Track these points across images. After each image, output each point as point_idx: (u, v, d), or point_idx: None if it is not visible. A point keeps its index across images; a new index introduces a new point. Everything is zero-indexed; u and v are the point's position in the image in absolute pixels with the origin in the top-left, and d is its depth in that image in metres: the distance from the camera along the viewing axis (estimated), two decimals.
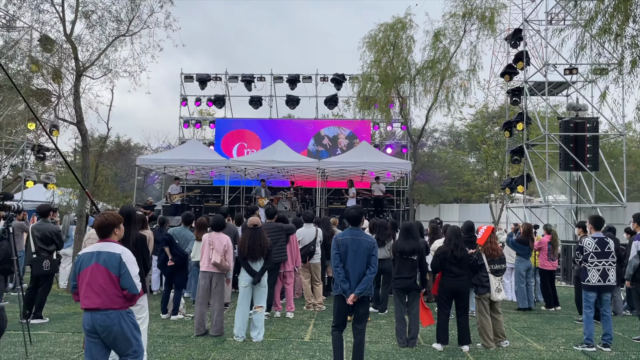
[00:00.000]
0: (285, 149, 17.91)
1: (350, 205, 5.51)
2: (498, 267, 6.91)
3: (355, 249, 5.44)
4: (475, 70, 17.02)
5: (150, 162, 17.35)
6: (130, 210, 5.74)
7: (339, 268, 5.42)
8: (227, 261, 7.04)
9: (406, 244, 6.97)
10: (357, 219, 5.60)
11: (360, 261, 5.42)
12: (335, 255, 5.48)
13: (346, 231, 5.63)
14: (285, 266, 8.59)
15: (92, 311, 3.91)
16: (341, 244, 5.48)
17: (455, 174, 37.01)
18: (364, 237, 5.54)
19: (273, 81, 23.31)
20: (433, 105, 16.73)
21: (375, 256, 5.50)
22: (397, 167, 17.36)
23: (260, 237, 6.97)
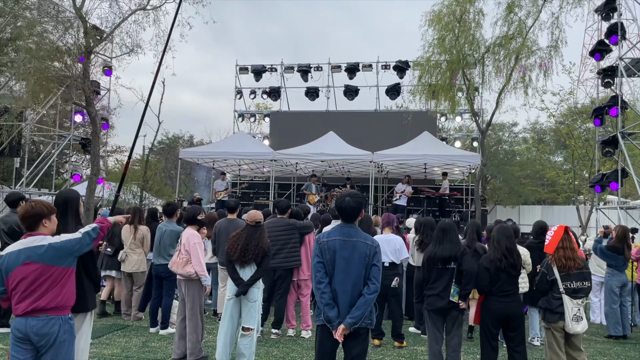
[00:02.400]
0: (336, 141, 16.25)
1: (346, 192, 3.71)
2: (578, 285, 4.83)
3: (346, 256, 3.70)
4: (558, 46, 14.43)
5: (194, 154, 16.31)
6: (68, 196, 4.28)
7: (323, 285, 3.71)
8: (192, 265, 5.50)
9: (441, 249, 5.09)
10: (352, 212, 3.83)
11: (354, 275, 3.70)
12: (317, 265, 3.76)
13: (335, 229, 3.89)
14: (299, 273, 6.92)
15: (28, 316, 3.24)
16: (326, 248, 3.76)
17: (538, 174, 33.59)
18: (361, 237, 3.79)
19: (331, 70, 21.69)
20: (505, 87, 14.32)
21: (377, 267, 3.75)
22: (463, 160, 15.15)
23: (259, 237, 5.35)
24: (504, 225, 5.32)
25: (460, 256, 5.05)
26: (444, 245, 5.11)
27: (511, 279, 4.99)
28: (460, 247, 5.15)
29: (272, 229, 6.78)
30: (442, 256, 5.05)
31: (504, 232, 5.13)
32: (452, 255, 5.04)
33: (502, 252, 4.96)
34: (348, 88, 21.48)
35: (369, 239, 3.81)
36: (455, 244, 5.13)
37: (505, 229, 5.18)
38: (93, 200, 9.60)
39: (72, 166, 17.08)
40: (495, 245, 5.06)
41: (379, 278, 3.73)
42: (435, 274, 5.11)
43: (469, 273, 5.00)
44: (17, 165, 16.08)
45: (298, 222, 6.88)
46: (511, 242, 5.03)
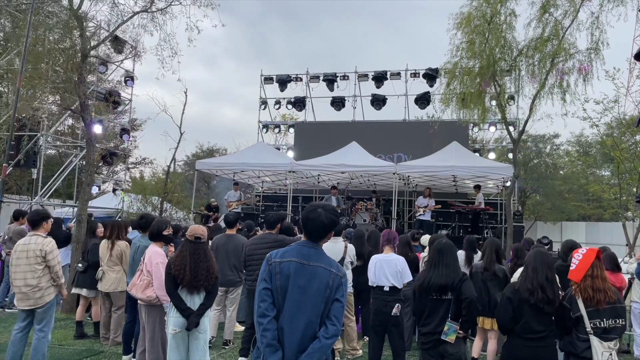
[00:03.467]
0: (359, 152, 15.42)
1: (318, 204, 2.87)
2: (609, 323, 3.82)
3: (303, 284, 2.88)
4: (599, 49, 13.18)
5: (211, 166, 15.80)
6: None
7: (266, 320, 2.88)
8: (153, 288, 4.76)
9: (437, 275, 4.18)
10: (322, 229, 3.01)
11: (309, 310, 2.86)
12: (263, 292, 2.93)
13: (292, 247, 3.06)
14: None
15: None
16: (277, 271, 2.94)
17: (583, 188, 31.70)
18: (324, 263, 2.96)
19: (357, 79, 20.92)
20: (539, 93, 13.14)
21: (340, 303, 2.90)
22: (494, 172, 14.04)
23: (207, 257, 4.57)
24: (542, 251, 4.27)
25: (458, 284, 4.12)
26: (440, 270, 4.20)
27: (543, 317, 3.94)
28: (459, 274, 4.21)
29: (257, 246, 6.02)
30: (437, 284, 4.14)
31: (544, 258, 4.06)
32: (448, 284, 4.12)
33: (540, 283, 3.93)
34: (375, 97, 20.63)
35: (334, 266, 2.97)
36: (453, 269, 4.20)
37: (544, 255, 4.10)
38: (86, 212, 9.06)
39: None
40: (530, 274, 4.00)
41: (340, 318, 2.88)
42: (430, 306, 4.19)
43: (471, 302, 4.05)
44: (34, 177, 15.91)
45: (287, 238, 6.07)
46: (552, 273, 4.03)
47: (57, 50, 8.84)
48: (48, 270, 5.56)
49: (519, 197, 29.06)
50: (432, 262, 4.29)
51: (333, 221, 3.03)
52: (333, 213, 3.06)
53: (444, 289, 4.11)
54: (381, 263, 5.88)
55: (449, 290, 4.11)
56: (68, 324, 7.98)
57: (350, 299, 6.70)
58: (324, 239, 3.06)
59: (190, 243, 4.65)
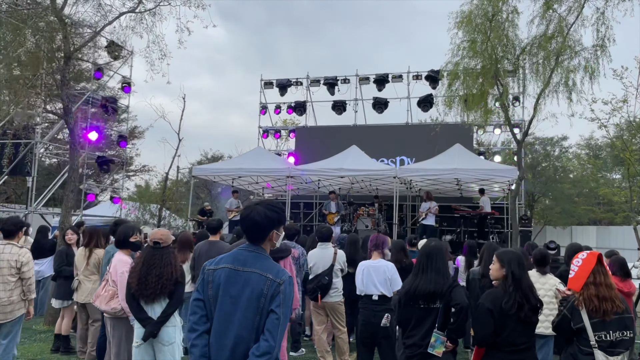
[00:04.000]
0: (358, 156, 15.03)
1: (257, 200, 2.49)
2: (617, 336, 3.39)
3: (235, 293, 2.52)
4: (605, 45, 12.70)
5: (207, 172, 15.44)
6: None
7: (195, 335, 2.53)
8: (118, 299, 4.37)
9: (424, 281, 3.77)
10: (257, 228, 2.63)
11: (239, 322, 2.49)
12: (194, 304, 2.59)
13: (230, 253, 2.69)
14: None
15: None
16: (210, 280, 2.58)
17: (593, 192, 31.07)
18: (261, 268, 2.59)
19: (358, 82, 20.57)
20: (544, 91, 12.68)
21: (276, 315, 2.51)
22: (498, 175, 13.58)
23: (164, 263, 4.21)
24: (510, 251, 3.85)
25: (447, 291, 3.70)
26: (428, 275, 3.78)
27: (527, 328, 3.51)
28: (449, 280, 3.80)
29: (177, 253, 5.62)
30: (425, 291, 3.72)
31: (518, 260, 3.67)
32: (437, 291, 3.71)
33: (523, 292, 3.49)
34: (377, 100, 20.26)
35: (272, 271, 2.58)
36: (443, 275, 3.79)
37: (517, 257, 3.71)
38: (69, 220, 8.72)
39: (86, 186, 16.52)
40: (511, 284, 3.51)
41: (276, 333, 2.48)
42: (416, 316, 3.78)
43: (462, 309, 3.63)
44: (29, 185, 15.66)
45: None
46: (525, 275, 3.60)
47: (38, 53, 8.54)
48: (21, 283, 5.23)
49: (527, 201, 28.49)
50: (420, 267, 3.88)
51: (268, 217, 2.64)
52: (270, 208, 2.68)
53: (432, 297, 3.70)
54: (369, 270, 5.48)
55: (438, 298, 3.69)
56: (49, 337, 7.63)
57: (340, 309, 6.28)
58: (263, 239, 2.68)
59: (149, 249, 4.35)
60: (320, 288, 6.09)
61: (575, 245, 5.68)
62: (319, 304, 6.15)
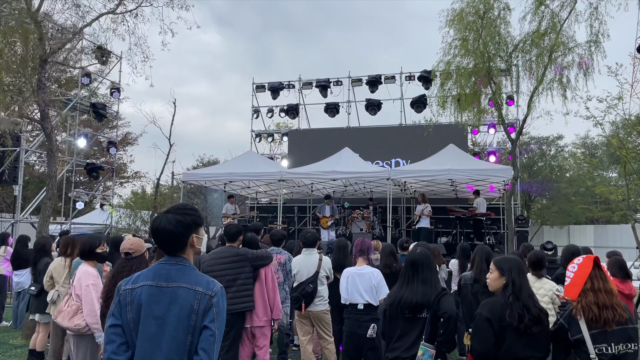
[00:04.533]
0: (351, 158, 14.76)
1: (169, 207, 2.14)
2: (619, 348, 3.08)
3: (160, 313, 2.21)
4: (599, 41, 12.48)
5: (197, 177, 15.14)
6: None
7: (118, 357, 2.20)
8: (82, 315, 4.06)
9: (410, 292, 3.48)
10: (171, 238, 2.31)
11: (168, 346, 2.17)
12: (111, 331, 2.26)
13: (149, 268, 2.38)
14: (253, 318, 5.36)
15: None
16: (128, 302, 2.25)
17: (589, 190, 30.83)
18: (189, 281, 2.28)
19: (351, 84, 20.30)
20: (537, 89, 12.43)
21: (211, 331, 2.21)
22: (493, 175, 13.30)
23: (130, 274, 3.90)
24: (509, 258, 3.51)
25: (435, 301, 3.40)
26: (414, 286, 3.49)
27: (532, 340, 3.17)
28: (438, 289, 3.50)
29: (217, 261, 5.33)
30: (411, 303, 3.43)
31: (519, 267, 3.36)
32: (425, 302, 3.41)
33: (524, 302, 3.18)
34: (370, 102, 20.00)
35: (201, 283, 2.27)
36: (430, 285, 3.50)
37: (518, 264, 3.38)
38: (47, 229, 8.39)
39: (75, 193, 16.18)
40: (511, 293, 3.21)
41: (212, 351, 2.19)
42: (402, 327, 3.48)
43: (450, 318, 3.33)
44: (15, 193, 15.31)
45: (250, 251, 5.37)
46: (525, 283, 3.30)
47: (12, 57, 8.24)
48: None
49: (524, 201, 28.23)
50: (405, 277, 3.58)
51: (182, 223, 2.30)
52: (182, 212, 2.34)
53: (419, 308, 3.41)
54: (354, 277, 5.18)
55: (425, 309, 3.41)
56: (24, 352, 7.29)
57: (326, 318, 5.97)
58: (183, 248, 2.34)
59: (120, 260, 4.07)
60: (304, 296, 5.79)
61: (572, 248, 5.39)
62: (303, 313, 5.84)
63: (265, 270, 5.40)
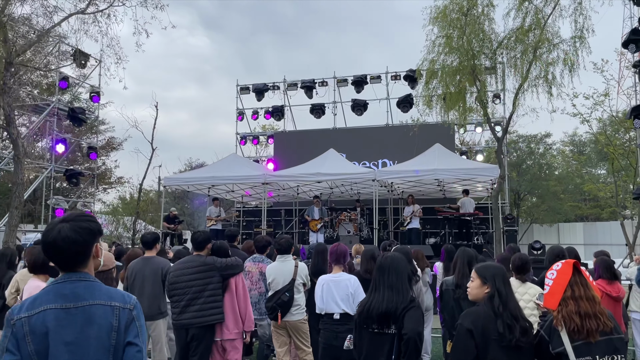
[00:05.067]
0: (336, 159, 14.51)
1: (64, 216, 1.80)
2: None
3: (72, 339, 1.89)
4: (584, 37, 12.33)
5: (178, 181, 14.79)
6: None
7: None
8: None
9: (377, 300, 3.21)
10: (69, 252, 1.95)
11: None
12: None
13: (48, 289, 2.00)
14: (223, 331, 5.07)
15: None
16: (27, 332, 1.89)
17: (578, 188, 30.82)
18: (101, 297, 1.98)
19: (337, 85, 20.05)
20: (522, 85, 12.25)
21: (136, 347, 1.96)
22: (479, 174, 13.09)
23: None
24: (491, 265, 3.19)
25: (401, 314, 3.13)
26: (380, 293, 3.22)
27: (517, 355, 2.89)
28: (406, 298, 3.22)
29: (182, 271, 5.03)
30: (377, 312, 3.16)
31: (503, 275, 3.04)
32: (390, 311, 3.14)
33: (512, 313, 2.92)
34: (356, 102, 19.77)
35: (116, 297, 1.99)
36: (398, 291, 3.22)
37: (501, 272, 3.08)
38: (14, 239, 8.03)
39: (54, 200, 15.79)
40: (499, 304, 2.93)
41: None
42: (368, 343, 3.21)
43: (409, 340, 3.05)
44: None
45: (219, 260, 5.07)
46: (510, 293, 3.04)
47: None
48: None
49: (513, 200, 28.14)
50: (374, 283, 3.32)
51: (88, 231, 1.98)
52: (85, 220, 2.01)
53: (385, 319, 3.13)
54: (329, 285, 4.91)
55: (392, 321, 3.13)
56: None
57: (303, 327, 5.69)
58: (86, 262, 2.01)
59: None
60: (280, 306, 5.50)
61: (556, 249, 5.14)
62: (279, 324, 5.56)
63: (236, 280, 5.11)
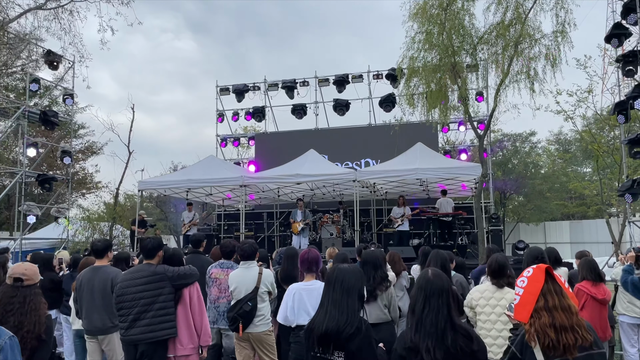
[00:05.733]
0: (316, 160, 14.12)
1: None
2: None
3: None
4: (565, 31, 12.06)
5: (153, 185, 14.31)
6: None
7: None
8: None
9: (320, 317, 2.82)
10: None
11: None
12: None
13: None
14: (176, 347, 4.63)
15: None
16: None
17: (564, 186, 30.72)
18: None
19: (318, 85, 19.67)
20: (503, 81, 11.95)
21: None
22: (462, 173, 12.78)
23: (25, 308, 3.21)
24: (430, 274, 2.83)
25: (346, 336, 2.72)
26: (324, 310, 2.83)
27: None
28: (354, 319, 2.81)
29: (130, 282, 4.60)
30: (318, 332, 2.77)
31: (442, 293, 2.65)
32: (331, 331, 2.73)
33: (429, 331, 2.53)
34: (338, 102, 19.40)
35: None
36: (343, 310, 2.80)
37: (437, 278, 2.75)
38: None
39: (26, 206, 15.22)
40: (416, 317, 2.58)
41: None
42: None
43: None
44: None
45: (170, 269, 4.65)
46: (453, 300, 2.68)
47: None
48: None
49: (499, 199, 27.94)
50: (321, 298, 2.92)
51: None
52: None
53: (326, 342, 2.73)
54: (301, 294, 4.51)
55: (334, 346, 2.72)
56: None
57: (269, 339, 5.29)
58: None
59: (6, 287, 3.36)
60: (241, 316, 5.10)
61: (535, 251, 4.78)
62: (240, 335, 5.15)
63: (190, 291, 4.69)
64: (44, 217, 18.97)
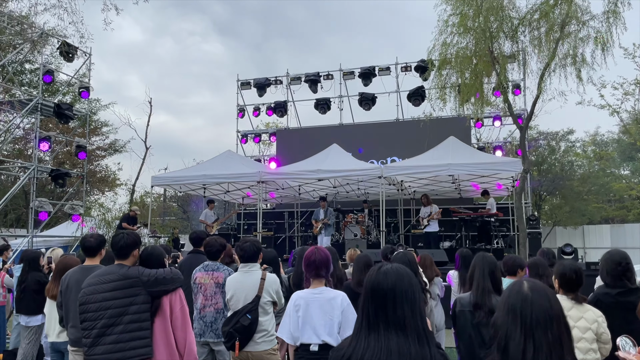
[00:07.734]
0: (339, 155, 13.13)
1: None
2: None
3: None
4: (617, 11, 10.80)
5: (167, 180, 13.52)
6: None
7: None
8: None
9: (370, 350, 1.81)
10: None
11: None
12: None
13: None
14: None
15: None
16: None
17: (604, 188, 29.02)
18: None
19: (343, 78, 18.68)
20: (549, 65, 10.72)
21: None
22: (499, 169, 11.61)
23: None
24: None
25: None
26: (379, 337, 1.81)
27: None
28: (434, 349, 1.78)
29: (96, 288, 3.65)
30: None
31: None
32: None
33: None
34: (364, 96, 18.37)
35: None
36: (411, 335, 1.77)
37: None
38: None
39: (37, 202, 14.62)
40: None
41: None
42: None
43: None
44: None
45: (146, 272, 3.69)
46: None
47: None
48: None
49: (534, 201, 26.46)
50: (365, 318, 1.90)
51: None
52: None
53: None
54: (307, 305, 3.55)
55: None
56: None
57: (274, 358, 4.30)
58: None
59: None
60: (238, 331, 4.12)
61: (616, 256, 3.52)
62: (236, 355, 4.17)
63: (171, 299, 3.73)
64: (60, 213, 18.46)
